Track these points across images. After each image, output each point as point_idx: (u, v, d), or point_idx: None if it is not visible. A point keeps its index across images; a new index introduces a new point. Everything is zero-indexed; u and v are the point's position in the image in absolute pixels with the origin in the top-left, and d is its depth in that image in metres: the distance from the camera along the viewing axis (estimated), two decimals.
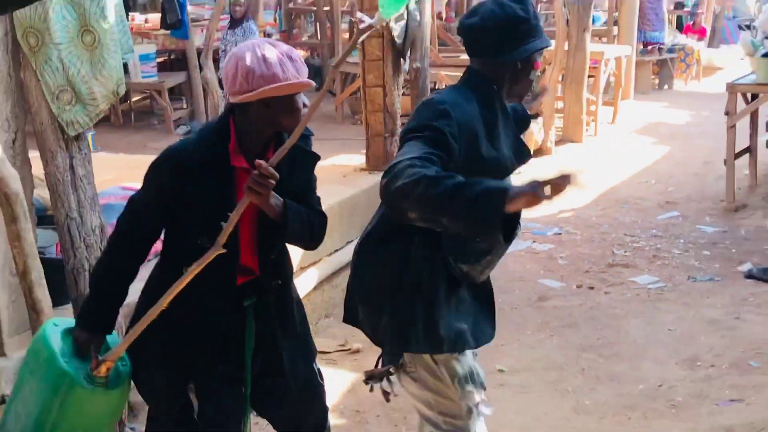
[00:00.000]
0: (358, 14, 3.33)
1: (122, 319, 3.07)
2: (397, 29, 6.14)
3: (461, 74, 2.82)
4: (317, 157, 2.81)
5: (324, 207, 3.99)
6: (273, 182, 2.40)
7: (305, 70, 2.55)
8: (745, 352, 4.50)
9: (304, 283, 5.03)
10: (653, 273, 6.29)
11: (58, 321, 2.73)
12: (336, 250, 5.62)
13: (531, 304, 5.67)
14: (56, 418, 2.48)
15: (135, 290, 2.80)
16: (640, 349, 4.64)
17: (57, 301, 3.63)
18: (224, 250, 2.41)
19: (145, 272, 2.80)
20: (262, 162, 2.39)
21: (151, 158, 2.66)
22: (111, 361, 2.54)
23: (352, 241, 5.81)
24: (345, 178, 6.39)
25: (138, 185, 4.87)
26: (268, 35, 20.26)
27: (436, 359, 2.74)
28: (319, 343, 4.85)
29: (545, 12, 17.07)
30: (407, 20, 6.19)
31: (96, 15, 3.25)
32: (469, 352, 2.79)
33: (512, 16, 2.64)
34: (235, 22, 9.79)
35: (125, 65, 11.40)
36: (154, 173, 2.62)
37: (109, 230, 4.12)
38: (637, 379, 4.39)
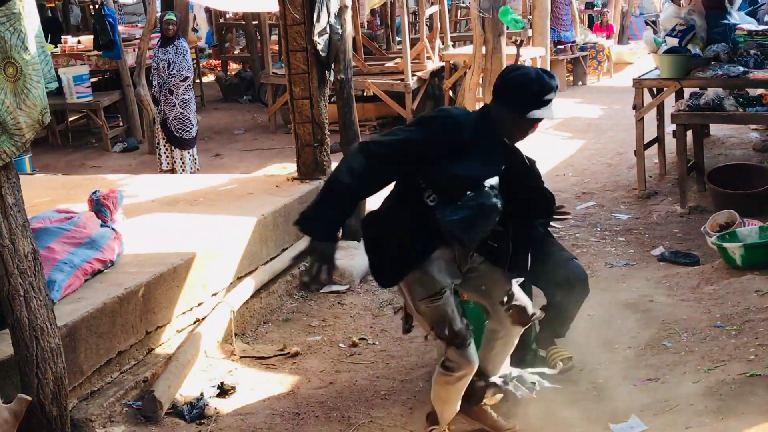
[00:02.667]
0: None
1: None
2: (321, 43, 6.37)
3: (386, 81, 3.39)
4: None
5: (258, 217, 5.55)
6: None
7: None
8: (659, 332, 4.84)
9: (241, 292, 5.22)
10: None
11: None
12: (271, 258, 5.82)
13: None
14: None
15: None
16: None
17: None
18: None
19: None
20: None
21: (90, 177, 2.88)
22: None
23: (286, 248, 6.03)
24: (278, 187, 6.58)
25: (73, 206, 5.05)
26: (200, 50, 20.32)
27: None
28: (258, 348, 5.09)
29: (464, 18, 17.50)
30: (330, 33, 6.42)
31: (17, 46, 3.29)
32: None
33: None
34: (166, 41, 9.89)
35: (60, 87, 11.49)
36: None
37: (44, 254, 4.25)
38: None
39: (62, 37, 13.02)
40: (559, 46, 15.19)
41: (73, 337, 4.03)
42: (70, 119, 12.84)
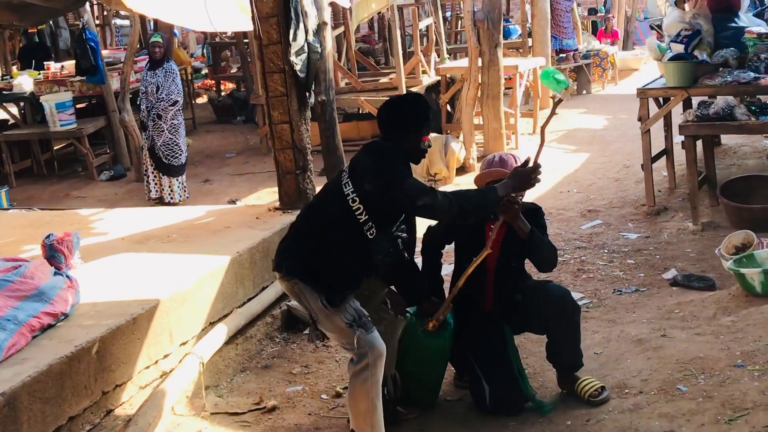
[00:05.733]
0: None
1: None
2: (298, 63, 5.94)
3: (380, 97, 3.76)
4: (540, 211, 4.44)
5: (232, 255, 5.26)
6: (517, 207, 4.03)
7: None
8: (673, 373, 4.34)
9: (212, 340, 4.76)
10: (578, 288, 6.18)
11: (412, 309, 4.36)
12: (249, 299, 5.37)
13: None
14: (404, 355, 4.23)
15: None
16: None
17: None
18: (490, 250, 4.08)
19: None
20: (511, 194, 3.90)
21: (62, 213, 2.60)
22: (435, 321, 4.15)
23: (266, 286, 5.58)
24: (258, 219, 6.14)
25: (28, 253, 4.60)
26: (197, 70, 19.94)
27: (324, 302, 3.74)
28: (233, 402, 4.63)
29: (461, 30, 17.08)
30: (308, 53, 6.00)
31: None
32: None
33: None
34: (154, 64, 9.51)
35: (42, 115, 11.07)
36: None
37: None
38: (565, 413, 4.22)
39: (45, 63, 12.62)
40: (561, 55, 14.77)
41: (13, 406, 3.58)
42: (56, 147, 12.45)
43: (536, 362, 4.78)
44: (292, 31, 5.83)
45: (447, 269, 4.79)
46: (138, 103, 9.92)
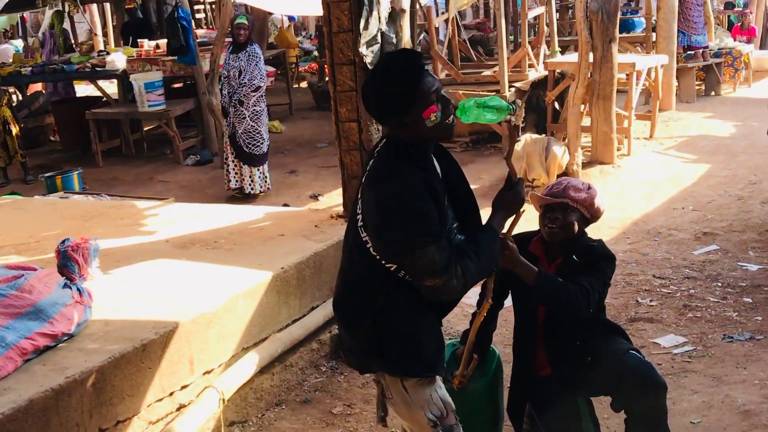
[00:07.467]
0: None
1: None
2: (369, 55, 5.26)
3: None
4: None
5: (275, 271, 4.59)
6: (509, 251, 3.11)
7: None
8: None
9: (237, 372, 4.15)
10: (681, 330, 5.30)
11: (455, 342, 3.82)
12: (294, 320, 4.75)
13: None
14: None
15: None
16: None
17: None
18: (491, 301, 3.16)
19: None
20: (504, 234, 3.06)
21: (118, 203, 2.54)
22: (459, 378, 3.48)
23: (316, 306, 4.95)
24: (317, 227, 5.51)
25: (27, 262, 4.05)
26: (307, 53, 19.56)
27: (406, 385, 2.85)
28: None
29: (572, 20, 15.99)
30: (381, 43, 5.31)
31: None
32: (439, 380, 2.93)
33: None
34: (237, 47, 9.02)
35: (132, 95, 10.82)
36: None
37: None
38: None
39: (138, 40, 12.37)
40: (689, 52, 13.53)
41: None
42: (147, 128, 12.22)
43: (618, 425, 3.97)
44: (363, 19, 5.15)
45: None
46: (220, 87, 9.47)
